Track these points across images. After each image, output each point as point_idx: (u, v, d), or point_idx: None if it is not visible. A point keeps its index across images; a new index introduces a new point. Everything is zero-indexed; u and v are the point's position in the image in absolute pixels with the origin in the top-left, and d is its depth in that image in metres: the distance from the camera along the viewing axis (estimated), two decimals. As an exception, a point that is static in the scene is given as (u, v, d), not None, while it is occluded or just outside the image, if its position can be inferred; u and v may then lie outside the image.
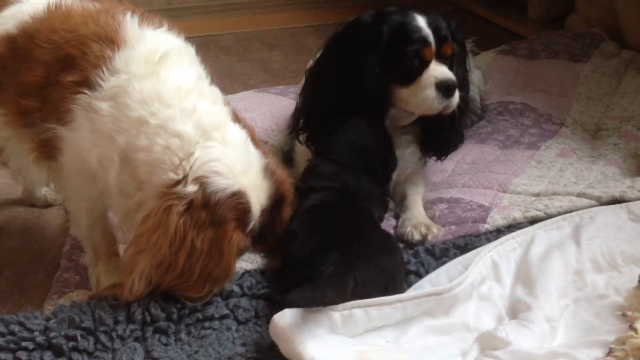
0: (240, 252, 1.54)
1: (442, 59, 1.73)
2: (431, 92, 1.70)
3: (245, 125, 1.54)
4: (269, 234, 1.58)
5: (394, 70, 1.74)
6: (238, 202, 1.41)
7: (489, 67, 2.73)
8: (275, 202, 1.53)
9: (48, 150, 1.53)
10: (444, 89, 1.68)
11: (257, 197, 1.46)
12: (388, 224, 1.78)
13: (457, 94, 1.71)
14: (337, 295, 1.31)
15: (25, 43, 1.52)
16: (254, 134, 1.57)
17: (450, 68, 1.74)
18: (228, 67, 3.09)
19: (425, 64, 1.71)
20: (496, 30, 3.52)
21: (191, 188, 1.37)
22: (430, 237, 1.67)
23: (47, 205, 2.09)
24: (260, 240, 1.58)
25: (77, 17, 1.52)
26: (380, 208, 1.71)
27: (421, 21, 1.73)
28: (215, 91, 1.53)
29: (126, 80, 1.42)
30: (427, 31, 1.72)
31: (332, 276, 1.33)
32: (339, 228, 1.49)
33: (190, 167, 1.39)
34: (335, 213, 1.56)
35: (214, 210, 1.37)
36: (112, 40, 1.45)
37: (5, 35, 1.56)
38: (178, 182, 1.39)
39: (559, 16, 3.28)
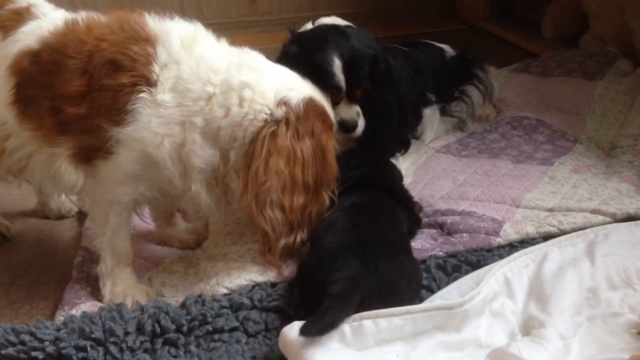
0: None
1: (353, 98, 1.92)
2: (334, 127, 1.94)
3: None
4: None
5: None
6: (315, 105, 1.59)
7: (502, 85, 2.73)
8: None
9: (86, 155, 1.57)
10: (342, 127, 1.90)
11: (322, 98, 1.63)
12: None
13: (360, 126, 1.92)
14: (343, 314, 1.30)
15: (52, 57, 1.56)
16: None
17: (365, 103, 1.93)
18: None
19: (335, 104, 1.89)
20: (510, 49, 3.52)
21: (279, 111, 1.52)
22: None
23: (60, 217, 2.11)
24: None
25: (101, 27, 1.58)
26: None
27: (337, 67, 1.87)
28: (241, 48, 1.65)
29: (176, 68, 1.52)
30: (340, 77, 1.88)
31: (339, 295, 1.32)
32: (372, 236, 1.50)
33: (269, 101, 1.52)
34: (374, 220, 1.58)
35: (305, 119, 1.55)
36: (146, 39, 1.54)
37: (28, 50, 1.59)
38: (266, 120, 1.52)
39: (573, 35, 3.27)
